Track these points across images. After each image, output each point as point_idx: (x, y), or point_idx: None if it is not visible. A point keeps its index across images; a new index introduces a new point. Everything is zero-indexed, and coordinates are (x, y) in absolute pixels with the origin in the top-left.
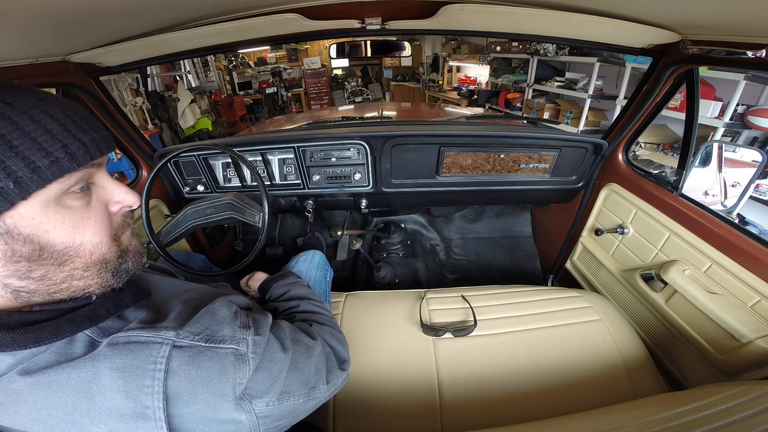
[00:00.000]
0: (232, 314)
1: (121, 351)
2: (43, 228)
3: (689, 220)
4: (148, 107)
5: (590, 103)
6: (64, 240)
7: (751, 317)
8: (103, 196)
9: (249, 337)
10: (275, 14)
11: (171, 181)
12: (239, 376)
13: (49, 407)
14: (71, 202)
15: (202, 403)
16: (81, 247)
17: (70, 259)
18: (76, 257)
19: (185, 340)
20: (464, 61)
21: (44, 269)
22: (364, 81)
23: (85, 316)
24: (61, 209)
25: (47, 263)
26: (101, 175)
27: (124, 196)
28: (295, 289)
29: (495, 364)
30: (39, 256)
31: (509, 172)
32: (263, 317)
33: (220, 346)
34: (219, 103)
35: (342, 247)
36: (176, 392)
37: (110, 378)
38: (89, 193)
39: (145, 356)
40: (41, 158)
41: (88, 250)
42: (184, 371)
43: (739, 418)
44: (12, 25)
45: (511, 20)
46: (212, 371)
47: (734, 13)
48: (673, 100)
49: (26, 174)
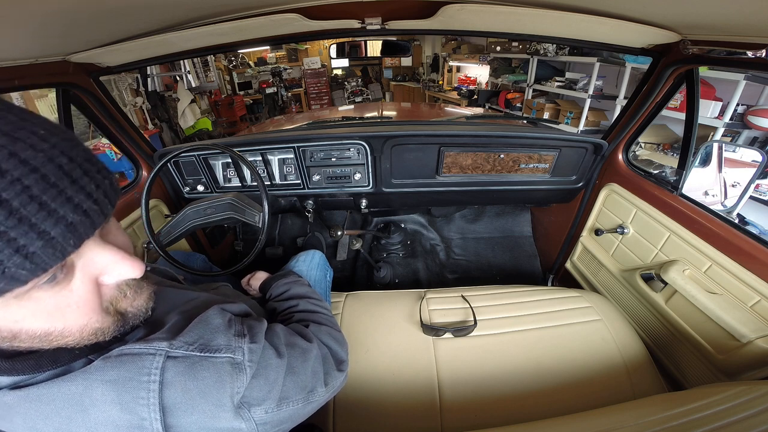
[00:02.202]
0: (226, 322)
1: (113, 363)
2: (12, 319)
3: (689, 220)
4: (148, 107)
5: (590, 103)
6: (41, 326)
7: (751, 317)
8: (92, 272)
9: (245, 345)
10: (275, 14)
11: (171, 181)
12: (237, 385)
13: (43, 418)
14: (40, 294)
15: (201, 413)
16: (65, 330)
17: (56, 339)
18: (62, 338)
19: (179, 350)
20: (464, 61)
21: (29, 344)
22: (364, 81)
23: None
24: (29, 303)
25: (29, 342)
26: (91, 246)
27: (124, 270)
28: (295, 287)
29: (495, 364)
30: (16, 338)
31: (509, 172)
32: (258, 324)
33: (215, 355)
34: (219, 103)
35: (342, 247)
36: (173, 403)
37: (102, 391)
38: (69, 277)
39: (137, 368)
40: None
41: (75, 330)
42: (180, 382)
43: (739, 418)
44: (12, 25)
45: (511, 20)
46: (209, 381)
47: (734, 13)
48: (673, 100)
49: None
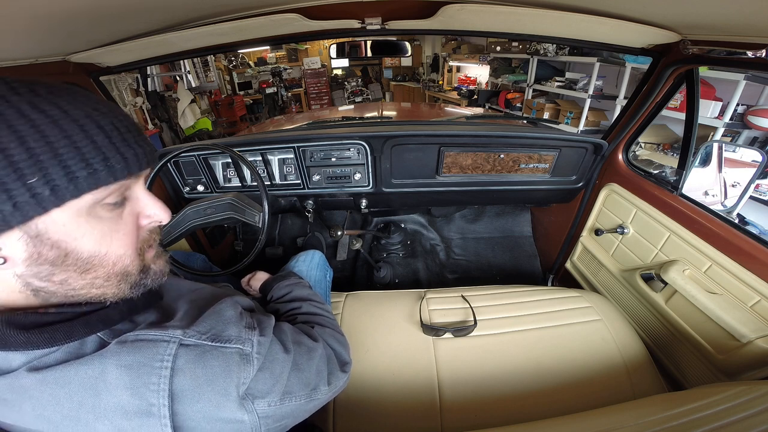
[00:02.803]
0: (237, 315)
1: (129, 348)
2: (72, 236)
3: (689, 220)
4: (148, 107)
5: (590, 103)
6: (90, 248)
7: (751, 317)
8: (135, 209)
9: (254, 338)
10: (275, 14)
11: (171, 181)
12: (243, 375)
13: (54, 403)
14: (103, 213)
15: (206, 401)
16: (105, 257)
17: (93, 267)
18: (99, 266)
19: (192, 338)
20: (464, 61)
21: (66, 275)
22: (364, 81)
23: (99, 320)
24: (92, 219)
25: (70, 269)
26: (138, 187)
27: (156, 211)
28: (297, 290)
29: (495, 364)
30: (63, 262)
31: (509, 172)
32: (267, 318)
33: (225, 345)
34: (219, 103)
35: (342, 247)
36: (181, 390)
37: (117, 375)
38: (123, 205)
39: (152, 354)
40: (81, 169)
41: (112, 260)
42: (190, 369)
43: (739, 418)
44: (12, 25)
45: (511, 20)
46: (217, 370)
47: (734, 13)
48: (673, 100)
49: (64, 183)
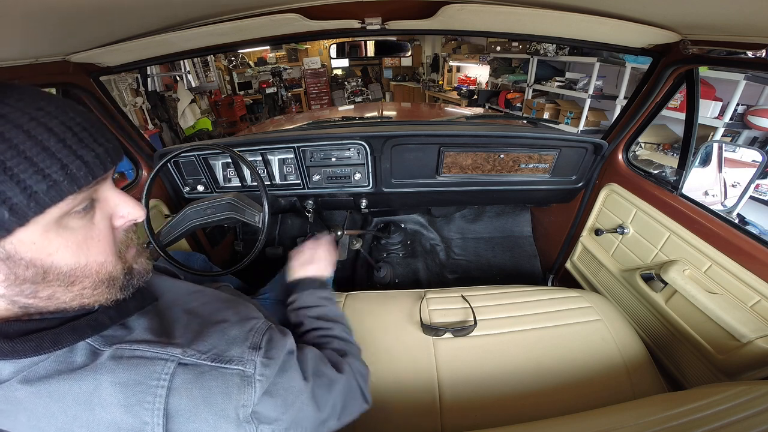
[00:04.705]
0: (244, 333)
1: (125, 366)
2: (46, 251)
3: (689, 220)
4: (148, 107)
5: (590, 103)
6: (68, 262)
7: (751, 317)
8: (107, 211)
9: (257, 359)
10: (275, 14)
11: (171, 181)
12: (244, 398)
13: (48, 416)
14: (74, 222)
15: (202, 421)
16: (87, 267)
17: (78, 279)
18: (84, 278)
19: (191, 358)
20: (464, 61)
21: (51, 290)
22: (364, 81)
23: (87, 325)
24: (64, 231)
25: (53, 284)
26: (105, 187)
27: (129, 210)
28: (330, 307)
29: (495, 364)
30: (44, 279)
31: (509, 172)
32: (281, 338)
33: (226, 366)
34: (219, 103)
35: (342, 247)
36: (177, 409)
37: (111, 392)
38: (93, 208)
39: (149, 372)
40: (38, 182)
41: (95, 269)
42: (187, 389)
43: (739, 418)
44: (12, 25)
45: (511, 20)
46: (215, 391)
47: (734, 13)
48: (673, 100)
49: (22, 201)
